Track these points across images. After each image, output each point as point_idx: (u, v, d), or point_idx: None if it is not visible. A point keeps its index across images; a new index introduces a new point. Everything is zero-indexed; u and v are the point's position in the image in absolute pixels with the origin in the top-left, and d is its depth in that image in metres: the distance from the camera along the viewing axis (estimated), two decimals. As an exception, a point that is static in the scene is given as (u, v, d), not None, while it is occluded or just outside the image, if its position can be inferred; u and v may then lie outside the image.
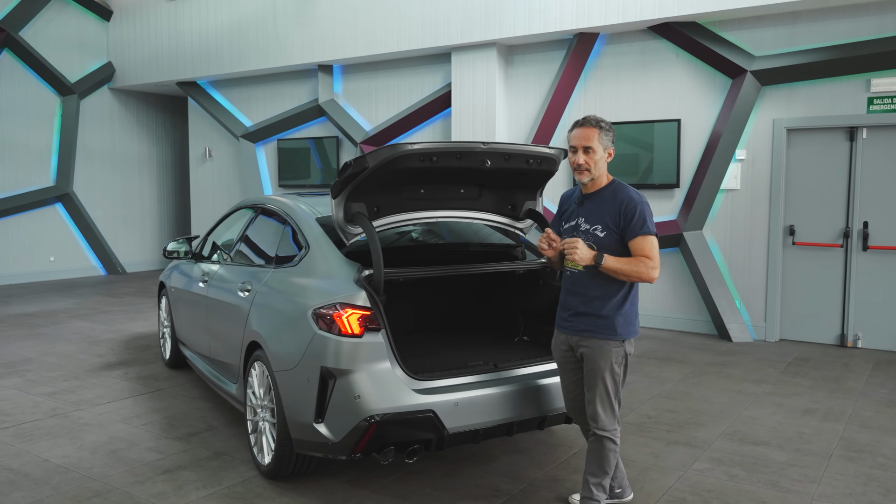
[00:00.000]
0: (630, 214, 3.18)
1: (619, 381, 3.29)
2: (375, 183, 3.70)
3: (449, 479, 4.02)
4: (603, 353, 3.23)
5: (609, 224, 3.23)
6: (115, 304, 9.87)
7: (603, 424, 3.28)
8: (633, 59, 8.14)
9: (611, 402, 3.28)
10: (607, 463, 3.30)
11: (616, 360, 3.25)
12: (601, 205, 3.28)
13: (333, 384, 3.43)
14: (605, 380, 3.25)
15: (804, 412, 5.22)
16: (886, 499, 3.78)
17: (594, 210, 3.29)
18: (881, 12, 6.78)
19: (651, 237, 3.18)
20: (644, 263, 3.15)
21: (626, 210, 3.20)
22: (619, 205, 3.22)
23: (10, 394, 5.64)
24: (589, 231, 3.28)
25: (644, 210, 3.19)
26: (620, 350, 3.25)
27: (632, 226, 3.18)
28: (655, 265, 3.16)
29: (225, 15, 11.08)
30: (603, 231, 3.24)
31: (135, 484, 3.94)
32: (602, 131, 3.26)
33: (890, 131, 6.91)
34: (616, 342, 3.24)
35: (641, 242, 3.17)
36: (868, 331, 7.12)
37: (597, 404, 3.27)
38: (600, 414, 3.27)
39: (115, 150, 13.09)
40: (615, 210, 3.22)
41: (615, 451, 3.32)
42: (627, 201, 3.21)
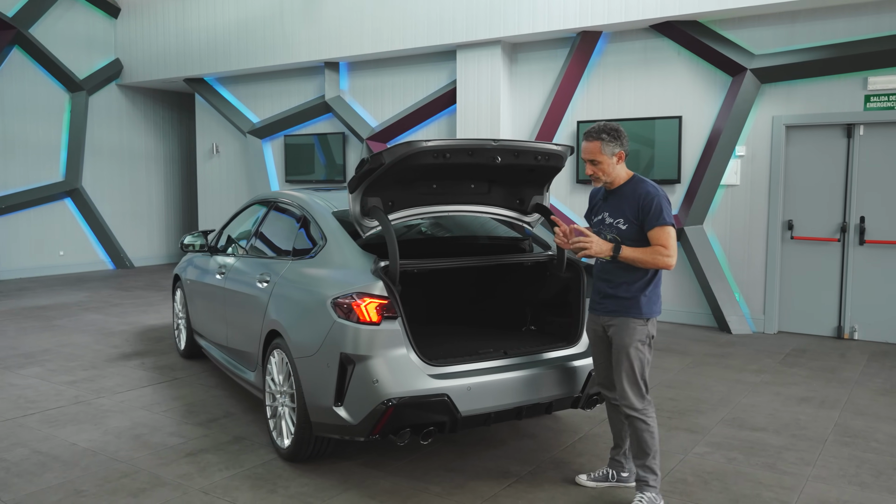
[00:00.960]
0: (648, 207, 3.41)
1: (645, 360, 3.49)
2: (391, 178, 3.88)
3: (460, 461, 4.20)
4: (628, 331, 3.47)
5: (630, 217, 3.47)
6: (126, 297, 10.05)
7: (630, 402, 3.48)
8: (635, 57, 8.31)
9: (636, 381, 3.48)
10: (645, 444, 3.48)
11: (640, 338, 3.47)
12: (622, 199, 3.52)
13: (352, 369, 3.61)
14: (631, 356, 3.46)
15: (801, 400, 5.40)
16: (878, 480, 3.96)
17: (616, 205, 3.53)
18: (878, 12, 6.94)
19: (667, 227, 3.40)
20: (659, 252, 3.37)
21: (644, 203, 3.43)
22: (638, 198, 3.46)
23: (33, 382, 5.83)
24: (613, 224, 3.52)
25: (661, 202, 3.42)
26: (644, 329, 3.48)
27: (649, 217, 3.41)
28: (670, 253, 3.38)
29: (232, 12, 11.24)
30: (625, 224, 3.48)
31: (160, 466, 4.13)
32: (604, 142, 3.47)
33: (886, 128, 7.08)
34: (640, 321, 3.47)
35: (658, 232, 3.39)
36: (864, 323, 7.30)
37: (624, 382, 3.48)
38: (627, 391, 3.48)
39: (123, 145, 13.26)
40: (635, 204, 3.46)
41: (649, 430, 3.48)
42: (645, 195, 3.45)
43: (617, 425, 3.81)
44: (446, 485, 3.89)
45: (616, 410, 3.76)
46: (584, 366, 4.02)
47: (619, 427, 3.80)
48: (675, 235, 3.44)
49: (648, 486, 3.50)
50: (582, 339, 4.16)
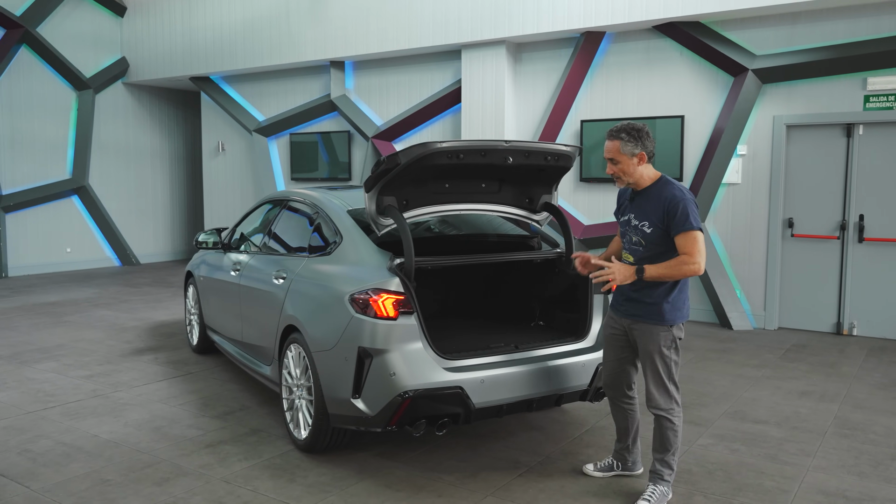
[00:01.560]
0: (673, 211, 3.38)
1: (671, 363, 3.53)
2: (405, 178, 4.01)
3: (472, 452, 4.34)
4: (652, 337, 3.50)
5: (655, 220, 3.44)
6: (134, 293, 10.18)
7: (657, 403, 3.56)
8: (638, 57, 8.43)
9: (664, 383, 3.53)
10: (668, 441, 3.58)
11: (665, 344, 3.49)
12: (648, 202, 3.50)
13: (370, 363, 3.74)
14: (656, 362, 3.52)
15: (801, 394, 5.54)
16: (876, 470, 4.10)
17: (642, 207, 3.52)
18: (877, 13, 7.07)
19: (693, 233, 3.34)
20: (684, 262, 3.33)
21: (669, 207, 3.39)
22: (663, 202, 3.42)
23: (50, 376, 5.96)
24: (638, 227, 3.53)
25: (687, 206, 3.36)
26: (669, 334, 3.50)
27: (675, 222, 3.37)
28: (696, 260, 3.32)
29: (238, 12, 11.35)
30: (650, 227, 3.46)
31: (181, 456, 4.26)
32: (623, 141, 3.48)
33: (885, 128, 7.22)
34: (664, 327, 3.49)
35: (683, 239, 3.35)
36: (863, 319, 7.44)
37: (650, 384, 3.56)
38: (654, 394, 3.56)
39: (129, 143, 13.38)
40: (660, 207, 3.42)
41: (673, 429, 3.56)
42: (671, 199, 3.41)
43: (620, 422, 3.90)
44: (459, 474, 4.02)
45: (617, 408, 3.86)
46: (592, 360, 4.15)
47: (622, 425, 3.89)
48: (703, 239, 3.38)
49: (662, 480, 3.62)
50: (590, 333, 4.29)
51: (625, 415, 3.86)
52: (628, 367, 3.76)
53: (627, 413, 3.85)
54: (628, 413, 3.85)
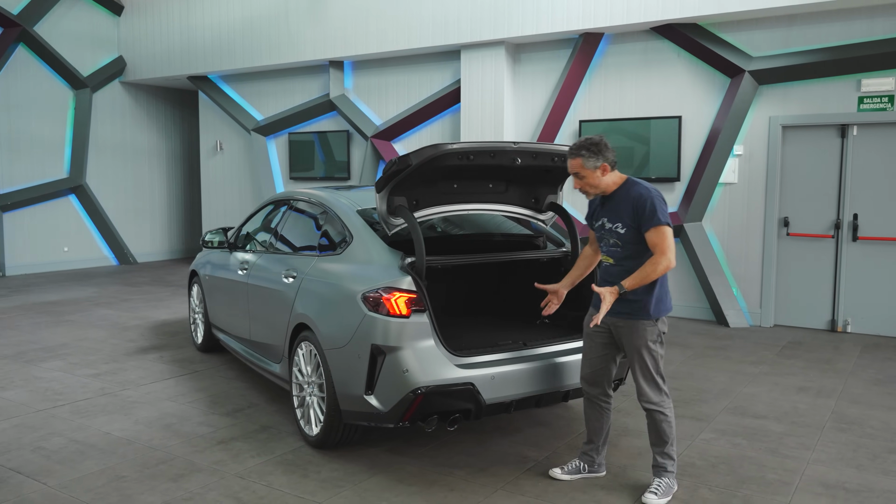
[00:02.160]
0: (642, 208, 3.52)
1: (658, 356, 3.65)
2: (416, 179, 4.09)
3: (480, 447, 4.42)
4: (639, 332, 3.61)
5: (627, 221, 3.58)
6: (134, 292, 10.21)
7: (649, 397, 3.66)
8: (636, 58, 8.53)
9: (653, 377, 3.64)
10: (664, 433, 3.67)
11: (651, 338, 3.61)
12: (619, 204, 3.64)
13: (383, 360, 3.82)
14: (644, 356, 3.62)
15: (798, 390, 5.65)
16: (873, 463, 4.21)
17: (614, 209, 3.66)
18: (871, 16, 7.19)
19: (662, 227, 3.49)
20: (656, 262, 3.47)
21: (638, 205, 3.54)
22: (632, 201, 3.57)
23: (57, 375, 6.00)
24: (612, 229, 3.65)
25: (655, 202, 3.51)
26: (655, 329, 3.62)
27: (645, 218, 3.51)
28: (667, 255, 3.46)
29: (237, 11, 11.39)
30: (623, 228, 3.60)
31: (194, 453, 4.33)
32: (584, 158, 3.60)
33: (878, 129, 7.34)
34: (650, 321, 3.61)
35: (653, 234, 3.50)
36: (857, 316, 7.57)
37: (640, 380, 3.66)
38: (645, 388, 3.65)
39: (126, 142, 13.39)
40: (630, 207, 3.57)
41: (667, 420, 3.67)
42: (638, 197, 3.56)
43: (592, 423, 3.94)
44: (469, 469, 4.11)
45: (593, 406, 3.91)
46: (598, 356, 4.23)
47: (594, 425, 3.93)
48: (672, 234, 3.52)
49: (666, 472, 3.71)
50: (595, 331, 4.38)
51: (600, 414, 3.91)
52: (610, 364, 3.84)
53: (603, 412, 3.91)
54: (604, 412, 3.91)
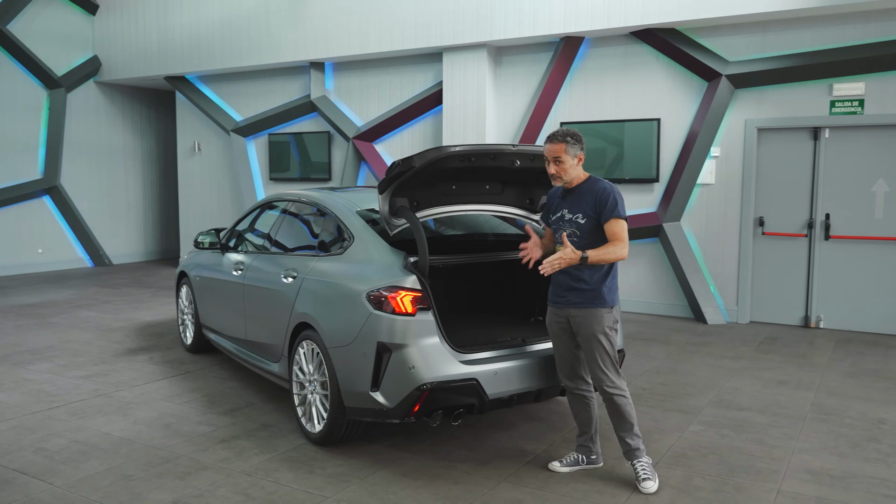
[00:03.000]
0: (604, 202, 3.75)
1: (614, 343, 3.85)
2: (417, 180, 4.19)
3: (479, 442, 4.54)
4: (596, 319, 3.79)
5: (588, 212, 3.80)
6: (114, 294, 10.14)
7: (612, 382, 3.82)
8: (615, 61, 8.73)
9: (612, 362, 3.83)
10: (629, 415, 3.84)
11: (608, 325, 3.81)
12: (581, 197, 3.84)
13: (389, 357, 3.91)
14: (602, 342, 3.79)
15: (778, 383, 5.87)
16: (854, 451, 4.42)
17: (575, 202, 3.86)
18: (843, 24, 7.46)
19: (621, 220, 3.75)
20: (616, 246, 3.72)
21: (600, 199, 3.77)
22: (595, 195, 3.79)
23: (48, 377, 5.98)
24: (572, 219, 3.84)
25: (615, 197, 3.76)
26: (611, 315, 3.83)
27: (605, 210, 3.75)
28: (625, 244, 3.74)
29: (216, 11, 11.36)
30: (584, 218, 3.81)
31: (198, 451, 4.38)
32: (569, 144, 3.80)
33: (849, 131, 7.63)
34: (606, 309, 3.81)
35: (613, 225, 3.74)
36: (829, 313, 7.85)
37: (602, 365, 3.81)
38: (608, 373, 3.82)
39: (101, 143, 13.26)
40: (592, 200, 3.79)
41: (629, 402, 3.85)
42: (601, 191, 3.79)
43: (581, 415, 4.08)
44: (471, 462, 4.22)
45: (578, 401, 4.05)
46: (593, 352, 4.38)
47: (583, 416, 4.08)
48: (627, 228, 3.78)
49: (641, 451, 3.89)
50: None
51: (586, 405, 4.06)
52: (581, 354, 3.98)
53: (588, 401, 4.05)
54: (588, 401, 4.06)
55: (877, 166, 7.52)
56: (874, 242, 7.59)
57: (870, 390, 5.66)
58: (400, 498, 3.76)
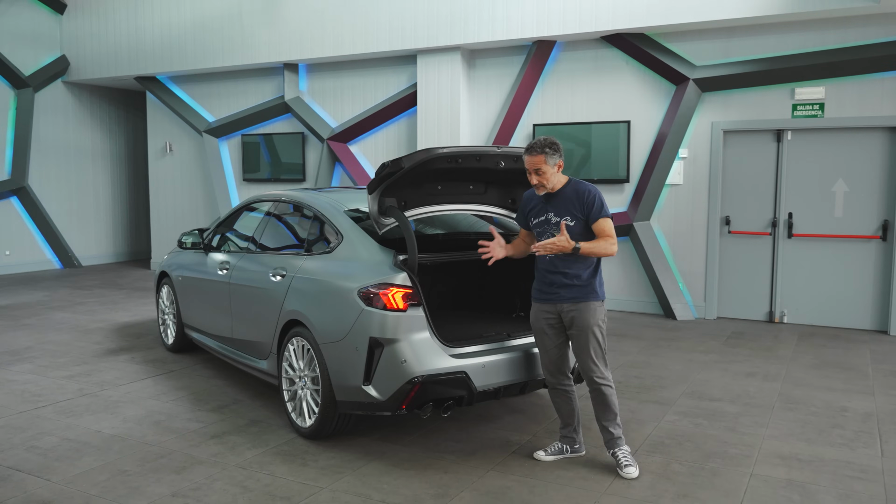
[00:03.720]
0: (590, 203, 3.95)
1: (605, 335, 4.05)
2: (405, 181, 4.33)
3: (465, 434, 4.69)
4: (591, 312, 3.98)
5: (576, 214, 3.98)
6: (87, 295, 10.08)
7: (600, 373, 4.01)
8: (587, 65, 8.96)
9: (602, 354, 4.03)
10: (614, 405, 4.04)
11: (601, 317, 4.02)
12: (566, 200, 4.01)
13: (381, 352, 4.05)
14: (596, 334, 3.99)
15: (747, 375, 6.13)
16: (820, 437, 4.67)
17: (560, 205, 4.02)
18: (804, 30, 7.79)
19: (609, 219, 3.96)
20: (607, 241, 3.93)
21: (587, 201, 3.96)
22: (580, 197, 3.97)
23: (30, 377, 5.98)
24: (559, 222, 3.99)
25: (601, 198, 3.98)
26: (602, 308, 4.04)
27: (593, 211, 3.94)
28: (615, 241, 3.96)
29: (188, 11, 11.33)
30: (572, 220, 3.98)
31: (191, 447, 4.46)
32: (547, 155, 3.95)
33: (811, 134, 7.96)
34: (598, 302, 4.02)
35: (603, 224, 3.94)
36: (792, 308, 8.17)
37: (593, 357, 4.00)
38: (597, 365, 4.01)
39: (70, 143, 13.11)
40: (578, 202, 3.97)
41: (614, 393, 4.05)
42: (586, 193, 3.98)
43: (563, 409, 4.26)
44: (458, 453, 4.37)
45: (561, 395, 4.23)
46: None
47: (566, 410, 4.26)
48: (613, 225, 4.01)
49: (621, 440, 4.09)
50: (571, 322, 4.70)
51: (567, 398, 4.24)
52: (566, 350, 4.18)
53: (569, 395, 4.24)
54: (570, 395, 4.24)
55: (836, 167, 7.87)
56: (834, 240, 7.93)
57: (832, 381, 5.94)
58: (393, 487, 3.90)
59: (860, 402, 5.40)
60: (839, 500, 3.75)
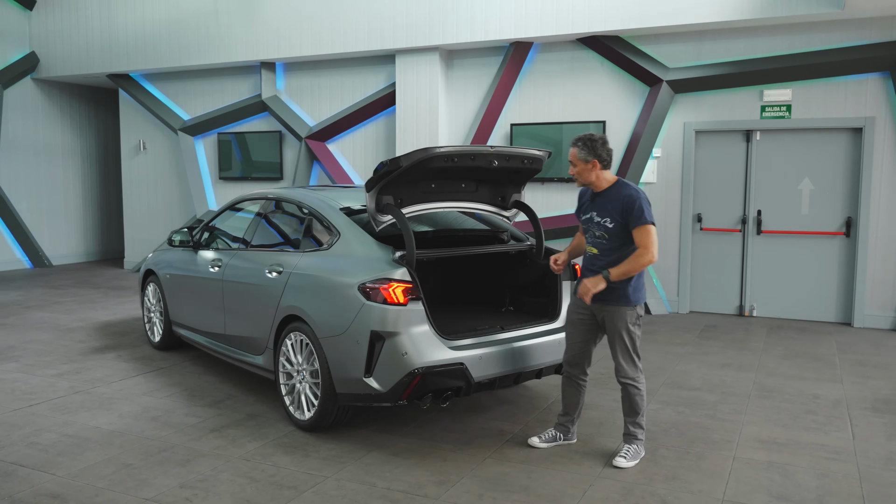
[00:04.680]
0: (630, 208, 4.00)
1: (636, 337, 4.15)
2: (402, 179, 4.47)
3: (459, 424, 4.85)
4: (620, 316, 4.10)
5: (616, 216, 4.04)
6: (62, 295, 9.99)
7: (626, 373, 4.16)
8: (563, 66, 9.17)
9: (630, 355, 4.14)
10: (636, 405, 4.19)
11: (630, 321, 4.11)
12: (609, 201, 4.10)
13: (382, 345, 4.17)
14: (623, 337, 4.12)
15: (722, 366, 6.39)
16: (795, 422, 4.93)
17: (603, 205, 4.12)
18: (772, 35, 8.10)
19: (648, 226, 3.94)
20: (640, 255, 3.95)
21: (627, 204, 4.00)
22: (622, 200, 4.03)
23: (18, 376, 5.97)
24: (600, 223, 4.12)
25: (641, 204, 3.98)
26: (633, 313, 4.12)
27: (633, 217, 3.98)
28: (650, 250, 3.94)
29: (163, 8, 11.28)
30: (611, 222, 4.06)
31: (192, 441, 4.54)
32: (578, 149, 4.08)
33: (778, 134, 8.28)
34: (629, 307, 4.10)
35: (639, 231, 3.97)
36: (761, 302, 8.49)
37: (620, 357, 4.16)
38: (623, 365, 4.16)
39: (39, 141, 12.94)
40: (619, 205, 4.03)
41: (640, 394, 4.18)
42: (627, 197, 4.02)
43: (570, 398, 4.44)
44: (455, 442, 4.52)
45: (572, 384, 4.40)
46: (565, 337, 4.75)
47: (572, 400, 4.43)
48: (655, 231, 4.00)
49: (636, 440, 4.25)
50: (561, 315, 4.89)
51: (577, 390, 4.42)
52: (591, 347, 4.35)
53: (580, 388, 4.42)
54: (581, 388, 4.42)
55: (803, 166, 8.20)
56: (801, 236, 8.27)
57: (803, 370, 6.23)
58: (395, 475, 4.04)
59: (830, 389, 5.68)
60: (817, 479, 3.99)
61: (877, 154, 7.82)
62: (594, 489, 3.88)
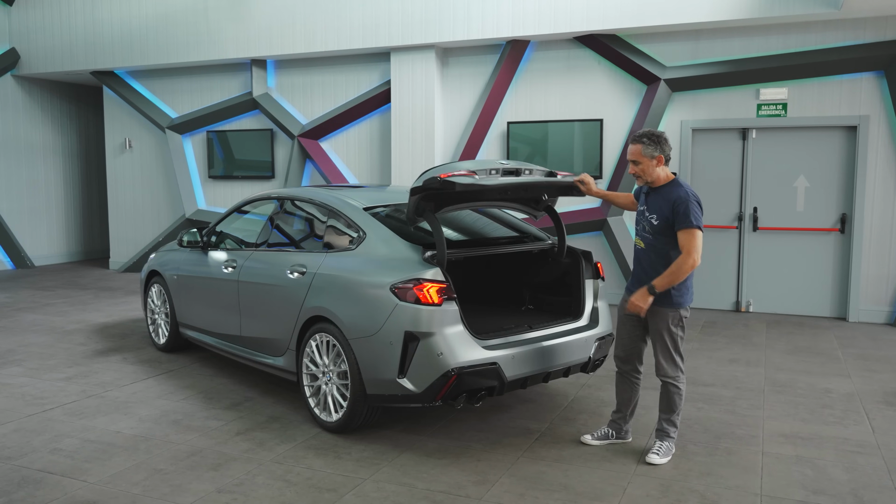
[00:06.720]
0: (678, 209, 3.99)
1: (678, 338, 4.18)
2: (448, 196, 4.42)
3: (485, 424, 4.85)
4: (662, 317, 4.14)
5: (664, 214, 4.06)
6: (52, 296, 9.79)
7: (665, 371, 4.21)
8: (560, 65, 9.21)
9: (671, 355, 4.18)
10: (674, 403, 4.23)
11: (672, 323, 4.14)
12: (660, 199, 4.12)
13: (416, 345, 4.16)
14: (665, 338, 4.16)
15: (730, 361, 6.48)
16: (813, 416, 5.02)
17: (655, 202, 4.15)
18: (766, 34, 8.23)
19: (693, 230, 3.93)
20: (682, 261, 3.94)
21: (676, 205, 4.00)
22: (672, 200, 4.03)
23: (24, 381, 5.84)
24: (649, 218, 4.16)
25: (690, 207, 3.95)
26: (676, 314, 4.14)
27: (679, 219, 3.98)
28: (692, 255, 3.91)
29: (150, 4, 11.09)
30: (657, 220, 4.10)
31: (219, 444, 4.48)
32: (644, 146, 4.09)
33: (774, 132, 8.42)
34: (672, 309, 4.13)
35: (684, 234, 3.97)
36: (758, 297, 8.63)
37: (659, 357, 4.21)
38: (663, 363, 4.21)
39: (20, 139, 12.64)
40: (669, 204, 4.04)
41: (678, 393, 4.22)
42: (678, 199, 4.01)
43: (623, 395, 4.47)
44: (485, 442, 4.53)
45: (625, 380, 4.45)
46: (590, 336, 4.78)
47: (625, 396, 4.46)
48: (700, 236, 3.94)
49: (668, 437, 4.29)
50: (584, 313, 4.92)
51: (631, 387, 4.46)
52: (640, 343, 4.39)
53: (634, 385, 4.46)
54: (634, 385, 4.46)
55: (798, 164, 8.34)
56: (796, 233, 8.41)
57: (809, 365, 6.35)
58: (433, 476, 4.03)
59: (839, 383, 5.80)
60: (847, 473, 4.08)
61: (871, 152, 7.98)
62: (633, 486, 3.91)
